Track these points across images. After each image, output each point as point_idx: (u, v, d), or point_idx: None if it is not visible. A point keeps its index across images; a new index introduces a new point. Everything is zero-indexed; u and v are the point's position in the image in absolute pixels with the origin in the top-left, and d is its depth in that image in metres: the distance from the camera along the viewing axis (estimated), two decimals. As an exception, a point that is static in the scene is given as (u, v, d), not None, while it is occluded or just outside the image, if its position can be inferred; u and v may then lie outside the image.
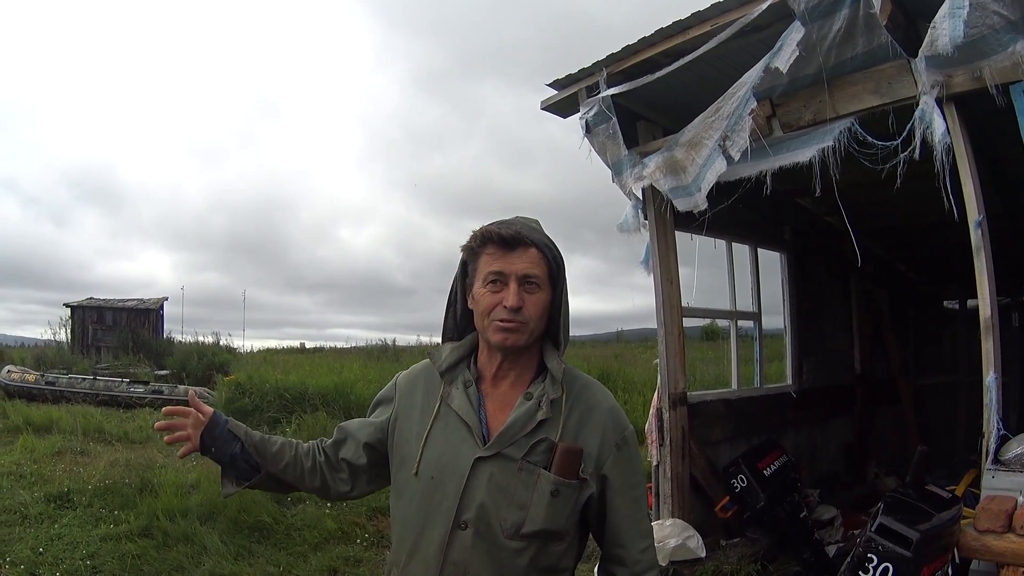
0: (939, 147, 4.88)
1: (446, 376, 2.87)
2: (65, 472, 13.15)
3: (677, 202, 6.74)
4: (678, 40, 6.29)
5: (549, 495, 2.66)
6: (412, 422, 2.89)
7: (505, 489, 2.67)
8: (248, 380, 20.68)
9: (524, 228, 2.76)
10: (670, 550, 6.82)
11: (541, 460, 2.69)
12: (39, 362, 32.57)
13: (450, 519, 2.68)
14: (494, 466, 2.69)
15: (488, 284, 2.73)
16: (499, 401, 2.82)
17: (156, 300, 45.83)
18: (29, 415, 18.40)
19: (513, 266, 2.70)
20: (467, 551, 2.67)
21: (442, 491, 2.72)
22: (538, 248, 2.74)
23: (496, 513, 2.67)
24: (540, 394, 2.76)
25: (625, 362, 25.71)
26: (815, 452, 10.02)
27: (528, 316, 2.71)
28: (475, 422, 2.76)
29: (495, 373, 2.84)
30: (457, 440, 2.76)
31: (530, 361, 2.86)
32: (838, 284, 11.04)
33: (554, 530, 2.70)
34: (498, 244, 2.72)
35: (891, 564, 5.21)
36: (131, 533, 9.45)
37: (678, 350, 7.55)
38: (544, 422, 2.72)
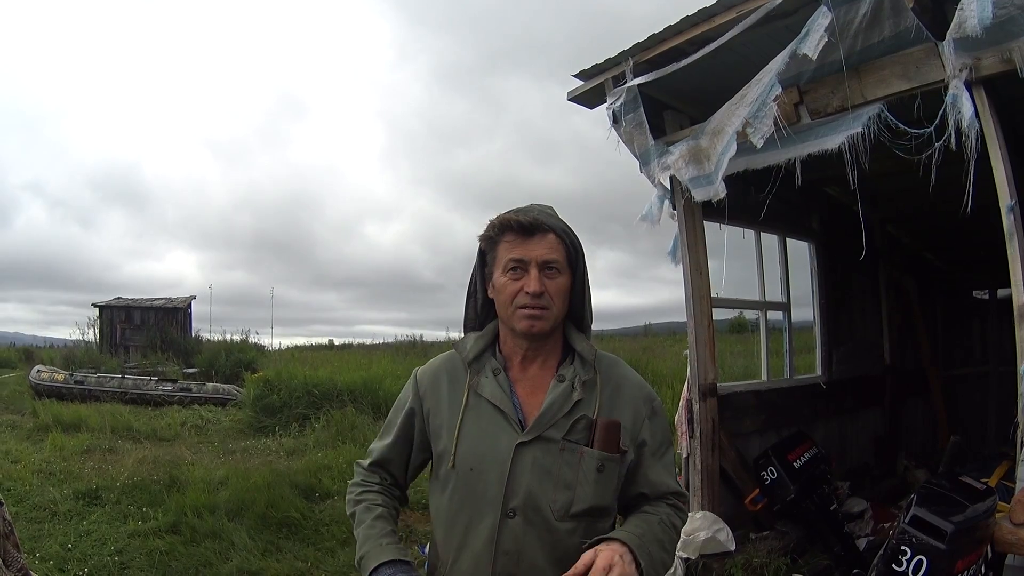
0: (969, 132, 4.81)
1: (473, 366, 2.87)
2: (94, 469, 13.27)
3: (696, 192, 6.72)
4: (704, 28, 6.24)
5: (595, 471, 2.69)
6: (442, 416, 2.88)
7: (550, 471, 2.69)
8: (276, 377, 20.80)
9: (541, 214, 2.78)
10: (700, 543, 6.79)
11: (582, 438, 2.72)
12: (68, 362, 32.93)
13: (498, 509, 2.69)
14: (536, 450, 2.71)
15: (509, 272, 2.76)
16: (530, 386, 2.83)
17: (184, 299, 46.22)
18: (59, 414, 18.55)
19: (533, 252, 2.73)
20: (519, 539, 2.68)
21: (484, 481, 2.72)
22: (556, 233, 2.77)
23: (544, 496, 2.68)
24: (572, 376, 2.79)
25: (653, 355, 25.68)
26: (845, 444, 9.95)
27: (551, 301, 2.74)
28: (510, 408, 2.78)
29: (522, 359, 2.86)
30: (493, 428, 2.77)
31: (555, 344, 2.88)
32: (866, 274, 10.92)
33: (602, 506, 2.73)
34: (517, 231, 2.75)
35: (925, 557, 5.15)
36: (159, 529, 9.55)
37: (708, 341, 7.51)
38: (579, 402, 2.74)
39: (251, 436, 17.84)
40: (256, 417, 18.99)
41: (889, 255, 11.33)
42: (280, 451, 15.61)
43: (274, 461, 14.22)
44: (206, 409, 22.19)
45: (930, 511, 5.23)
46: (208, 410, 22.04)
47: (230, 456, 15.11)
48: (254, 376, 23.13)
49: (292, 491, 10.85)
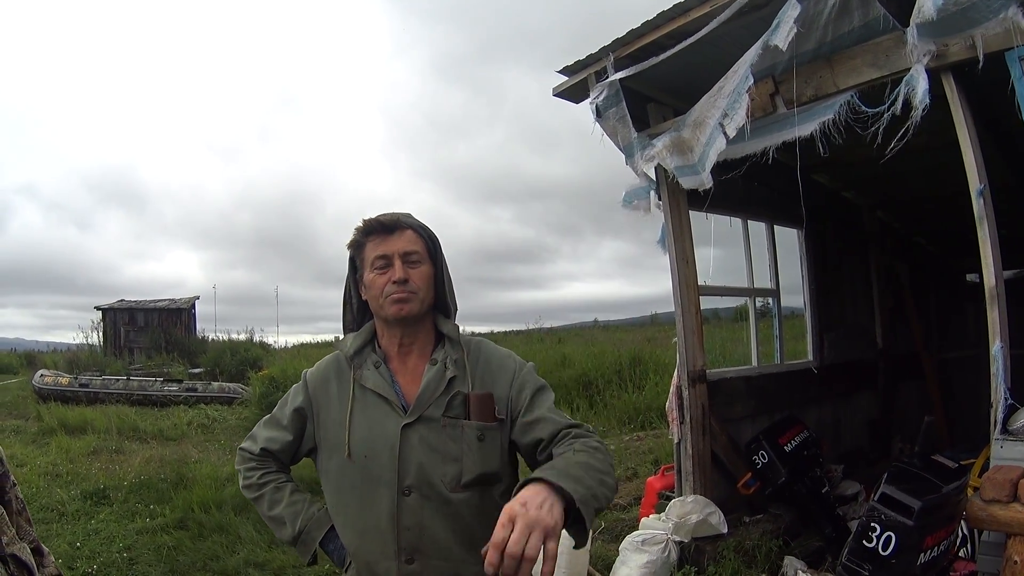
0: (917, 106, 4.93)
1: (355, 360, 3.09)
2: (101, 470, 13.41)
3: (683, 180, 6.79)
4: (680, 22, 6.33)
5: (477, 440, 2.88)
6: (332, 412, 3.08)
7: (436, 447, 2.89)
8: (281, 374, 20.87)
9: (399, 215, 3.05)
10: (691, 526, 6.90)
11: (460, 412, 2.92)
12: (72, 365, 32.95)
13: (394, 488, 2.88)
14: (421, 429, 2.90)
15: (376, 268, 3.00)
16: (409, 375, 3.05)
17: (188, 299, 46.18)
18: (64, 417, 18.66)
19: (394, 246, 2.99)
20: (417, 513, 2.86)
21: (378, 465, 2.91)
22: (413, 229, 3.06)
23: (435, 471, 2.87)
24: (443, 357, 3.01)
25: (657, 345, 25.66)
26: (839, 428, 10.04)
27: (416, 286, 2.97)
28: (392, 395, 2.98)
29: (398, 349, 3.08)
30: (380, 416, 2.96)
31: (428, 333, 3.11)
32: (857, 259, 10.98)
33: (490, 472, 2.89)
34: (379, 231, 3.01)
35: (894, 533, 5.28)
36: (167, 526, 9.70)
37: (696, 328, 7.61)
38: (453, 379, 2.95)
39: (257, 433, 17.79)
40: (262, 415, 18.76)
41: (880, 240, 11.38)
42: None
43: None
44: (212, 408, 22.34)
45: (899, 489, 5.35)
46: (214, 409, 22.18)
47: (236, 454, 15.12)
48: (260, 374, 23.23)
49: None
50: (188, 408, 22.41)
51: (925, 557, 5.47)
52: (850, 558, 5.61)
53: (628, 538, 6.99)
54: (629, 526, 8.22)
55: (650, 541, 6.80)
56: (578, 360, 21.78)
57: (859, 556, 5.56)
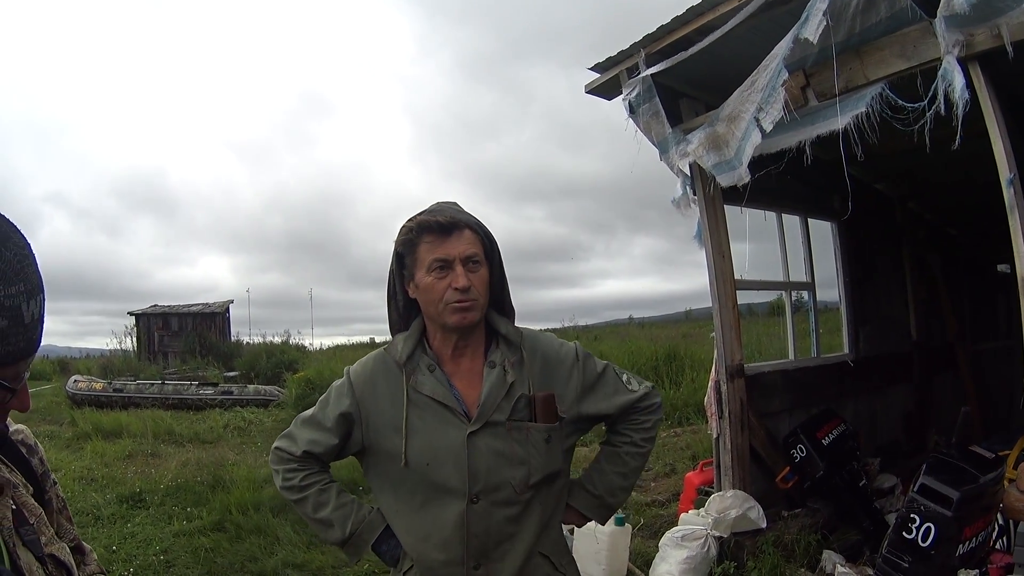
0: (958, 102, 4.89)
1: (407, 365, 3.00)
2: (137, 474, 13.42)
3: (720, 178, 6.76)
4: (709, 17, 6.33)
5: (544, 443, 2.89)
6: (383, 416, 3.00)
7: (503, 452, 2.88)
8: (317, 375, 20.94)
9: (455, 212, 2.93)
10: (731, 521, 6.89)
11: (525, 415, 2.90)
12: (106, 371, 33.04)
13: (462, 497, 2.86)
14: (487, 436, 2.88)
15: (434, 271, 2.88)
16: (465, 377, 3.00)
17: (222, 303, 46.31)
18: (98, 422, 18.70)
19: (454, 249, 2.87)
20: (486, 520, 2.85)
21: (443, 473, 2.87)
22: (471, 228, 2.92)
23: (503, 476, 2.87)
24: (501, 359, 2.96)
25: (692, 341, 25.59)
26: (875, 420, 9.99)
27: (477, 293, 2.90)
28: (453, 401, 2.93)
29: (453, 352, 3.00)
30: (440, 423, 2.92)
31: (480, 333, 3.05)
32: (890, 251, 10.93)
33: (556, 471, 2.94)
34: (436, 232, 2.88)
35: (933, 524, 5.27)
36: (204, 528, 9.71)
37: (733, 323, 7.58)
38: (513, 383, 2.91)
39: (294, 435, 17.83)
40: None
41: (912, 231, 11.34)
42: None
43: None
44: (248, 411, 22.32)
45: (937, 479, 5.34)
46: (250, 412, 22.18)
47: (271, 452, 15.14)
48: (295, 376, 23.29)
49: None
50: (224, 411, 22.41)
51: (963, 548, 5.46)
52: (890, 550, 5.61)
53: (667, 534, 6.98)
54: (668, 522, 8.21)
55: (689, 537, 6.79)
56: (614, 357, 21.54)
57: (899, 548, 5.56)
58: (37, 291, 1.65)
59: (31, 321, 1.62)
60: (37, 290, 1.65)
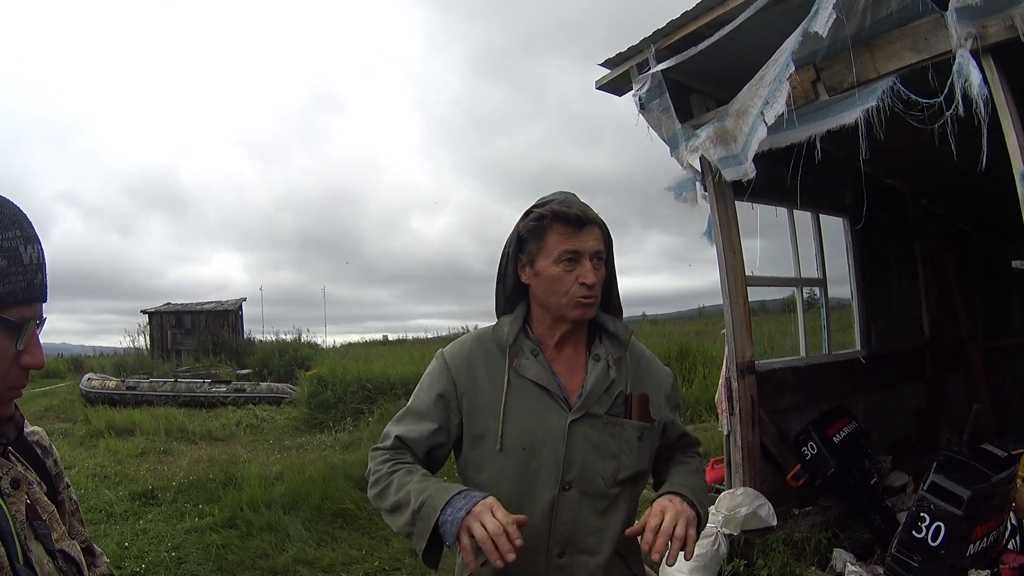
0: (978, 99, 4.85)
1: (512, 348, 2.97)
2: (149, 471, 13.50)
3: (726, 172, 6.75)
4: (719, 11, 6.31)
5: (637, 440, 2.91)
6: (482, 398, 2.95)
7: (598, 444, 2.87)
8: (330, 373, 20.96)
9: (585, 207, 2.92)
10: (741, 519, 6.87)
11: (621, 411, 2.91)
12: (119, 369, 33.23)
13: (555, 484, 2.83)
14: (585, 426, 2.86)
15: (563, 262, 2.85)
16: (567, 365, 2.99)
17: (235, 301, 46.38)
18: (111, 419, 18.79)
19: (586, 244, 2.85)
20: (575, 509, 2.84)
21: (538, 459, 2.85)
22: (599, 227, 2.91)
23: (595, 468, 2.86)
24: (605, 354, 2.96)
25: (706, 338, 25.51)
26: (887, 418, 9.93)
27: (599, 290, 2.90)
28: (555, 387, 2.90)
29: (557, 341, 2.98)
30: (541, 408, 2.89)
31: (584, 325, 3.03)
32: (902, 247, 10.89)
33: (643, 470, 2.96)
34: (571, 223, 2.85)
35: (943, 523, 5.23)
36: (215, 525, 9.73)
37: (744, 319, 7.55)
38: (615, 379, 2.92)
39: (306, 432, 18.10)
40: (311, 414, 19.22)
41: (925, 227, 11.28)
42: (335, 445, 15.79)
43: (329, 455, 14.41)
44: (261, 408, 22.41)
45: (948, 478, 5.30)
46: (263, 409, 22.26)
47: (285, 452, 15.35)
48: (308, 374, 23.31)
49: (347, 483, 11.02)
50: (236, 409, 22.54)
51: (974, 548, 5.42)
52: (900, 549, 5.58)
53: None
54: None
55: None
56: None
57: (908, 547, 5.53)
58: (34, 240, 1.69)
59: (31, 263, 1.66)
60: (34, 240, 1.69)
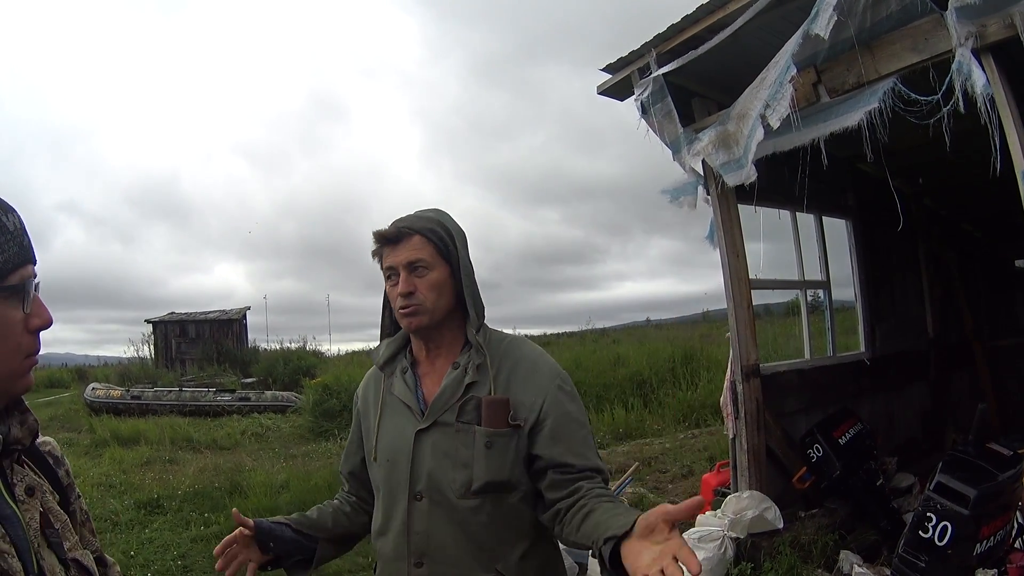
0: (982, 99, 4.86)
1: (386, 369, 3.11)
2: (155, 480, 13.50)
3: (727, 177, 6.76)
4: (719, 15, 6.32)
5: (484, 447, 2.81)
6: (369, 419, 3.13)
7: (448, 453, 2.86)
8: (335, 381, 20.93)
9: (409, 221, 2.97)
10: (748, 522, 6.86)
11: (473, 418, 2.85)
12: (123, 378, 33.14)
13: (407, 493, 2.89)
14: (435, 435, 2.89)
15: (388, 280, 2.99)
16: (434, 378, 3.02)
17: (239, 310, 46.30)
18: (116, 429, 18.81)
19: (399, 257, 2.92)
20: (426, 519, 2.86)
21: (398, 470, 2.93)
22: (421, 234, 2.92)
23: (444, 477, 2.85)
24: (466, 362, 2.94)
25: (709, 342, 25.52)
26: (892, 419, 9.94)
27: (423, 297, 2.90)
28: (412, 401, 2.98)
29: (427, 355, 3.07)
30: (401, 422, 2.98)
31: (454, 336, 3.05)
32: (905, 248, 10.85)
33: (500, 480, 2.82)
34: (386, 241, 2.95)
35: (950, 523, 5.23)
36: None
37: (748, 322, 7.55)
38: (472, 385, 2.89)
39: (312, 440, 18.11)
40: (316, 422, 19.24)
41: (927, 228, 11.27)
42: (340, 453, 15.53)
43: (335, 463, 14.09)
44: (266, 417, 22.44)
45: (954, 477, 5.30)
46: (268, 418, 22.30)
47: (291, 460, 15.35)
48: (313, 382, 23.32)
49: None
50: (241, 417, 22.56)
51: (981, 548, 5.42)
52: (906, 549, 5.57)
53: (684, 535, 6.94)
54: (685, 523, 8.19)
55: (706, 538, 6.77)
56: (632, 359, 21.83)
57: (915, 547, 5.53)
58: (9, 210, 1.73)
59: (15, 229, 1.71)
60: (9, 210, 1.73)
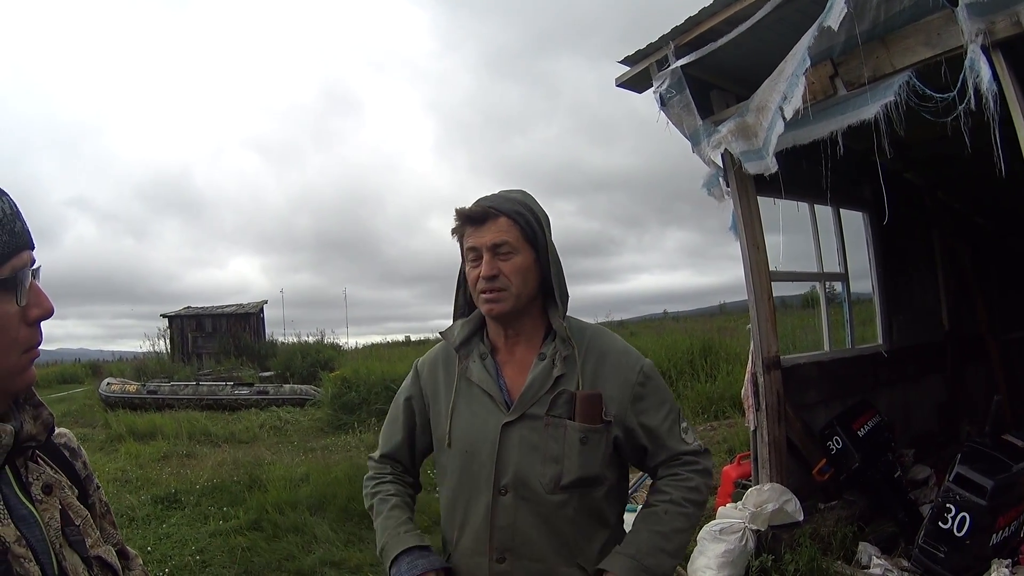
0: (987, 94, 4.87)
1: (461, 351, 3.04)
2: (172, 474, 13.51)
3: (748, 165, 6.75)
4: (736, 8, 6.30)
5: (579, 443, 2.81)
6: (440, 401, 3.06)
7: (537, 447, 2.84)
8: (353, 374, 20.90)
9: (495, 201, 2.92)
10: (768, 514, 6.87)
11: (564, 412, 2.83)
12: (139, 373, 33.01)
13: (491, 487, 2.85)
14: (522, 428, 2.85)
15: (470, 261, 2.94)
16: (516, 367, 3.00)
17: (256, 304, 46.26)
18: (132, 423, 18.85)
19: (484, 238, 2.87)
20: (512, 514, 2.83)
21: (478, 462, 2.89)
22: (507, 216, 2.88)
23: (532, 472, 2.83)
24: (552, 352, 2.91)
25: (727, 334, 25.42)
26: (909, 411, 9.93)
27: (507, 282, 2.87)
28: (496, 391, 2.93)
29: (505, 341, 3.03)
30: (482, 411, 2.93)
31: (536, 324, 3.02)
32: (921, 241, 10.89)
33: (590, 476, 2.84)
34: (471, 221, 2.92)
35: (968, 513, 5.26)
36: (240, 527, 9.72)
37: (768, 314, 7.54)
38: (561, 377, 2.86)
39: (330, 434, 18.11)
40: (335, 415, 19.25)
41: (941, 221, 11.28)
42: (360, 446, 15.74)
43: (354, 456, 14.34)
44: (284, 410, 22.43)
45: (972, 468, 5.33)
46: (286, 411, 22.28)
47: (310, 454, 15.31)
48: (331, 375, 23.28)
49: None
50: (260, 411, 22.56)
51: (996, 538, 5.46)
52: (926, 540, 5.61)
53: (705, 528, 6.97)
54: (706, 516, 8.21)
55: (727, 530, 6.78)
56: (651, 352, 21.44)
57: (935, 538, 5.57)
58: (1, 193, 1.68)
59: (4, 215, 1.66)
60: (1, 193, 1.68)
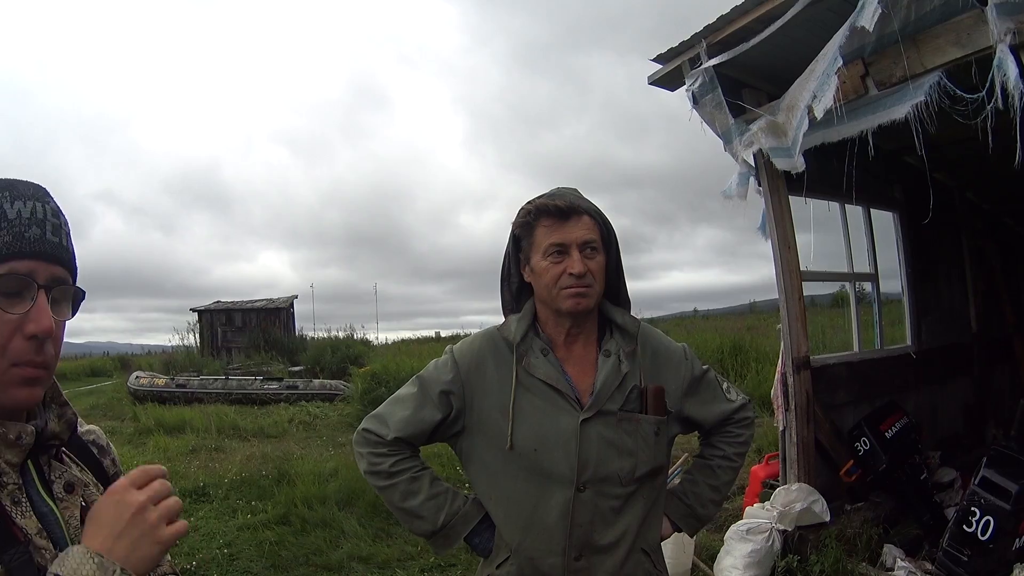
0: (1014, 93, 4.86)
1: (519, 347, 2.96)
2: (200, 468, 13.54)
3: (776, 161, 6.73)
4: (768, 6, 6.29)
5: (653, 435, 2.86)
6: (489, 397, 2.96)
7: (613, 442, 2.83)
8: (383, 370, 20.84)
9: (574, 197, 2.91)
10: (795, 515, 6.87)
11: (635, 407, 2.87)
12: (168, 367, 33.07)
13: (569, 485, 2.81)
14: (598, 424, 2.83)
15: (550, 256, 2.87)
16: (577, 364, 2.98)
17: (286, 299, 46.11)
18: (161, 417, 18.85)
19: (572, 235, 2.84)
20: (591, 509, 2.81)
21: (550, 460, 2.84)
22: (590, 215, 2.90)
23: (611, 467, 2.83)
24: (616, 349, 2.93)
25: (758, 333, 25.22)
26: (936, 413, 9.90)
27: (593, 279, 2.86)
28: (566, 387, 2.90)
29: (566, 338, 2.98)
30: (551, 408, 2.88)
31: (594, 321, 3.02)
32: (950, 241, 10.83)
33: (660, 465, 2.92)
34: (554, 216, 2.86)
35: (992, 517, 5.25)
36: (269, 522, 9.74)
37: (799, 314, 7.51)
38: (627, 374, 2.88)
39: (360, 429, 17.90)
40: (364, 410, 18.70)
41: (970, 221, 11.24)
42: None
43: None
44: (313, 405, 22.38)
45: (998, 472, 5.32)
46: (316, 406, 22.21)
47: (339, 449, 15.20)
48: (361, 370, 23.24)
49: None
50: (289, 406, 22.53)
51: (1020, 543, 5.45)
52: (951, 543, 5.61)
53: (733, 527, 6.98)
54: (733, 516, 8.16)
55: (755, 530, 6.78)
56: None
57: (959, 541, 5.56)
58: (26, 198, 1.67)
59: (16, 217, 1.64)
60: (26, 198, 1.67)
